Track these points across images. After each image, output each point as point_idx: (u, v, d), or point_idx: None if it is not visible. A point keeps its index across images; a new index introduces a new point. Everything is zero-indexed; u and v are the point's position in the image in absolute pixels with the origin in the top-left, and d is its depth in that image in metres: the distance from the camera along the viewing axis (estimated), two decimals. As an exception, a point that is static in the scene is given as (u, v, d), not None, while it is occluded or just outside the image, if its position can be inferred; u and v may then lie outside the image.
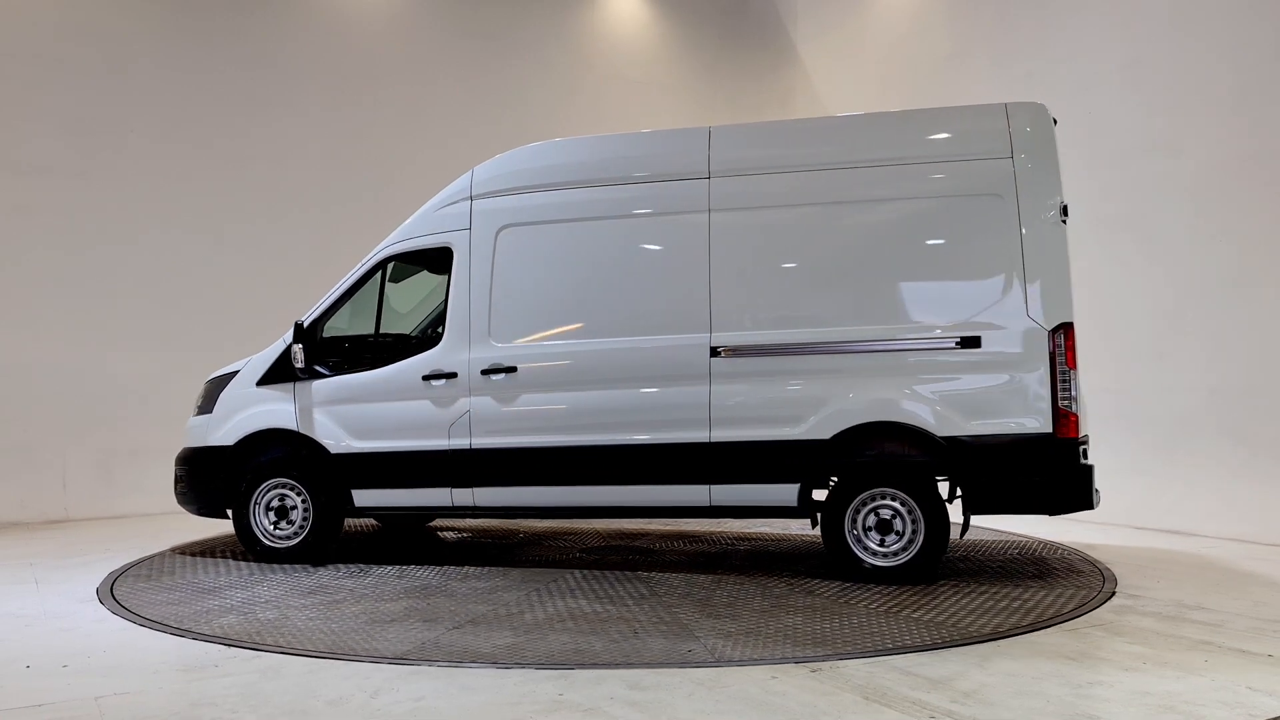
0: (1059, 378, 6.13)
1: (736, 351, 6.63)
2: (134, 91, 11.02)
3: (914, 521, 6.39)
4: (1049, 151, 6.43)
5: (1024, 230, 6.29)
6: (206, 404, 7.96)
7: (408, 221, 7.70)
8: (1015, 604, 5.76)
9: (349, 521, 9.33)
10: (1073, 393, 6.12)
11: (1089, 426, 6.61)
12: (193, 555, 7.88)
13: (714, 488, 6.69)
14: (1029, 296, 6.22)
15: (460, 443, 7.17)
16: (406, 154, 12.34)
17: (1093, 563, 7.02)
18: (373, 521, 9.40)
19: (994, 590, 6.14)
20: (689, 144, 6.98)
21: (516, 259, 7.23)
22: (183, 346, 11.12)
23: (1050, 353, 6.14)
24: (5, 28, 10.53)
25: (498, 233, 7.28)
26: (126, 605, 6.06)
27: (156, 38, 11.19)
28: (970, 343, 6.27)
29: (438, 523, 9.46)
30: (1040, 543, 7.78)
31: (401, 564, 7.35)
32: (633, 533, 8.70)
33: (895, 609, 5.68)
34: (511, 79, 12.84)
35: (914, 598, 5.96)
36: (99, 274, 10.82)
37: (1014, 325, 6.21)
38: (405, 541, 8.57)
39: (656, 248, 6.97)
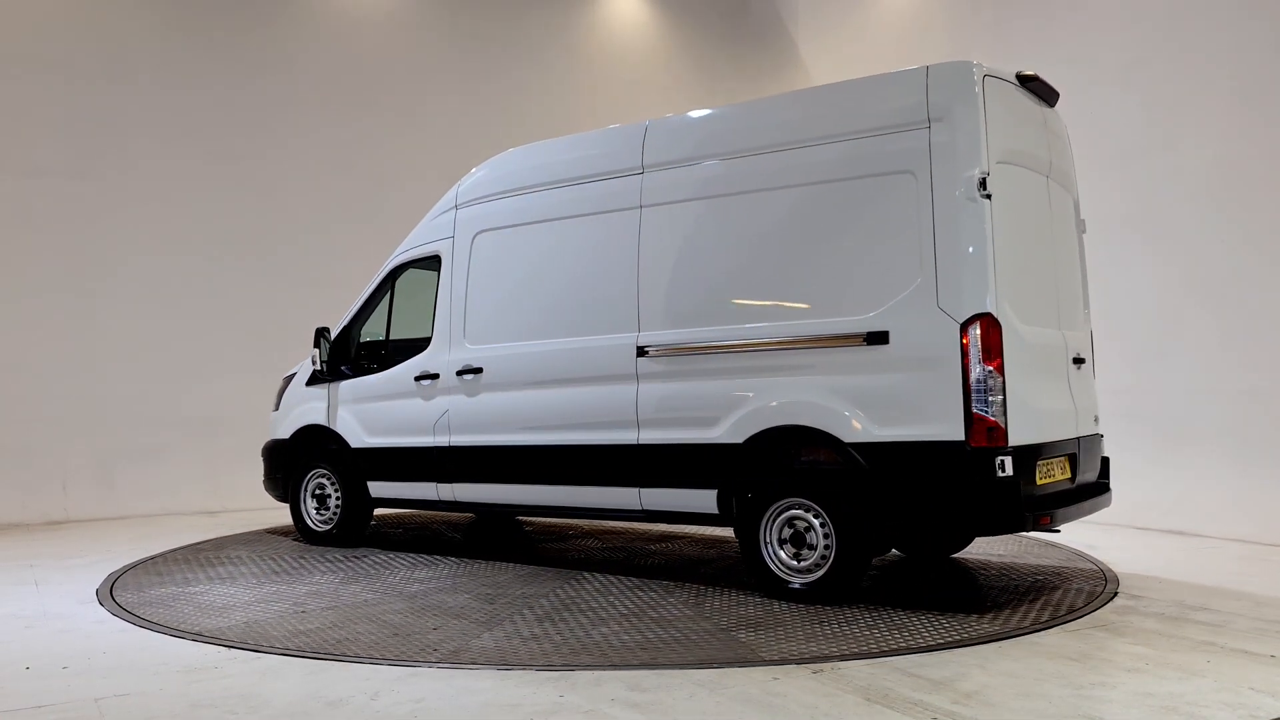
0: (972, 377, 5.33)
1: (660, 351, 6.43)
2: (135, 96, 11.02)
3: (826, 536, 5.81)
4: (971, 117, 5.50)
5: (936, 210, 5.50)
6: (277, 400, 8.90)
7: (413, 231, 8.19)
8: (1016, 605, 5.75)
9: (413, 515, 9.52)
10: (991, 395, 5.31)
11: (1040, 433, 5.69)
12: (193, 557, 7.88)
13: (643, 491, 6.55)
14: (940, 285, 5.45)
15: (442, 440, 7.60)
16: (406, 158, 12.33)
17: (1094, 563, 7.01)
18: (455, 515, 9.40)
19: (995, 591, 6.12)
20: (628, 140, 6.89)
21: (487, 263, 7.53)
22: (183, 349, 11.13)
23: (962, 348, 5.36)
24: (7, 32, 10.53)
25: (473, 239, 7.65)
26: (127, 607, 6.05)
27: (158, 43, 11.19)
28: (878, 339, 5.61)
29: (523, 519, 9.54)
30: (1041, 543, 7.77)
31: (409, 564, 7.34)
32: (660, 535, 8.69)
33: (895, 610, 5.66)
34: (511, 82, 12.84)
35: (914, 598, 5.94)
36: (99, 276, 10.82)
37: (924, 319, 5.47)
38: (490, 534, 8.88)
39: (597, 247, 6.92)
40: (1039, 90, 6.22)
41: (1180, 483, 8.52)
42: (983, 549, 7.50)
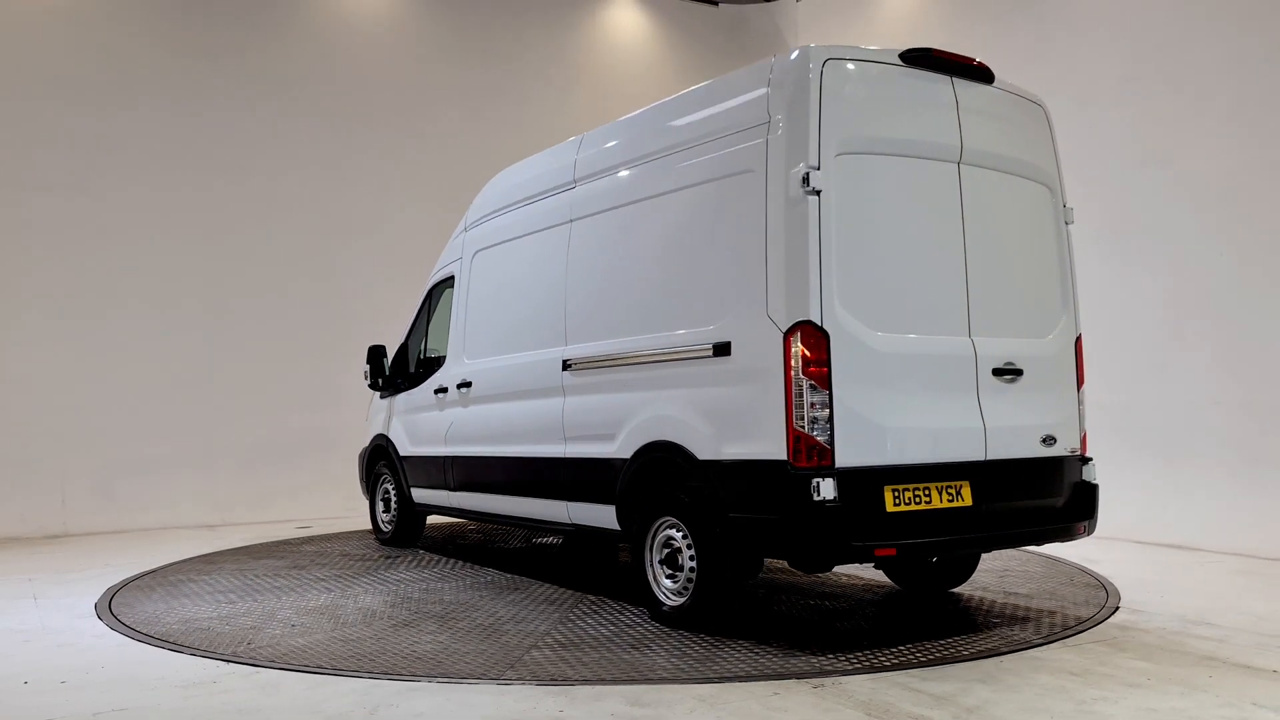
0: (794, 391, 4.87)
1: (579, 365, 6.39)
2: (135, 113, 11.06)
3: (692, 558, 5.50)
4: (800, 108, 5.04)
5: (769, 211, 5.09)
6: (368, 410, 9.52)
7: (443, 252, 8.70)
8: (1018, 619, 5.73)
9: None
10: (813, 411, 4.82)
11: (899, 453, 5.06)
12: (192, 570, 7.86)
13: (569, 505, 6.53)
14: (769, 292, 5.05)
15: (447, 450, 7.96)
16: (408, 174, 12.38)
17: (1095, 577, 6.99)
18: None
19: (996, 605, 6.11)
20: (567, 154, 6.93)
21: (479, 281, 7.83)
22: (182, 364, 11.13)
23: (784, 359, 4.94)
24: (9, 51, 10.57)
25: (473, 258, 7.94)
26: (125, 621, 6.04)
27: (159, 61, 11.25)
28: (722, 351, 5.28)
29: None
30: (1042, 558, 7.75)
31: (422, 576, 7.33)
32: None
33: (896, 625, 5.64)
34: (513, 97, 12.87)
35: (916, 613, 5.93)
36: (99, 291, 10.83)
37: (757, 328, 5.08)
38: (583, 557, 8.32)
39: (540, 262, 7.03)
40: (951, 68, 5.53)
41: (1181, 497, 8.51)
42: (984, 565, 7.48)
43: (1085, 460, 5.81)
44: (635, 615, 5.94)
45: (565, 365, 6.49)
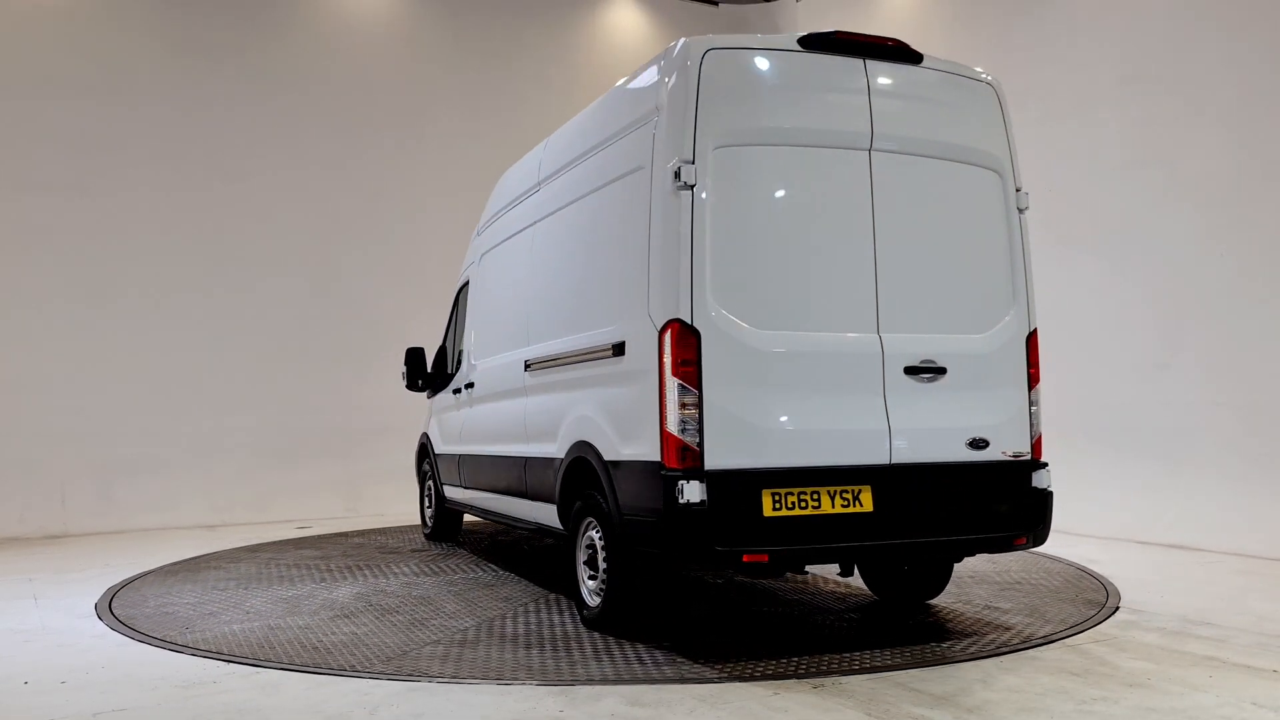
0: (665, 390, 4.71)
1: (534, 365, 6.44)
2: (136, 113, 11.07)
3: (606, 560, 5.38)
4: (680, 101, 4.86)
5: (652, 207, 4.96)
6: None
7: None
8: (1018, 619, 5.73)
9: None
10: (683, 412, 4.66)
11: (782, 455, 4.80)
12: (191, 570, 7.86)
13: (531, 504, 6.55)
14: (650, 290, 4.93)
15: (461, 449, 8.23)
16: (407, 174, 12.38)
17: (1095, 578, 6.99)
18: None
19: (996, 605, 6.11)
20: (536, 155, 7.01)
21: (483, 282, 8.01)
22: (182, 364, 11.13)
23: (658, 359, 4.79)
24: (9, 50, 10.57)
25: (481, 260, 8.13)
26: (125, 621, 6.04)
27: (159, 61, 11.25)
28: (619, 351, 5.18)
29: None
30: (1042, 558, 7.75)
31: (432, 577, 7.33)
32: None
33: (896, 625, 5.64)
34: (512, 98, 12.88)
35: (913, 613, 5.92)
36: (99, 291, 10.83)
37: (641, 327, 4.97)
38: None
39: (514, 265, 7.17)
40: (865, 50, 5.22)
41: (1181, 497, 8.51)
42: (984, 564, 7.48)
43: (1037, 465, 5.34)
44: (569, 617, 5.90)
45: (526, 366, 6.57)
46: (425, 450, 9.40)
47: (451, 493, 8.64)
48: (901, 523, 4.93)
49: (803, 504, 4.76)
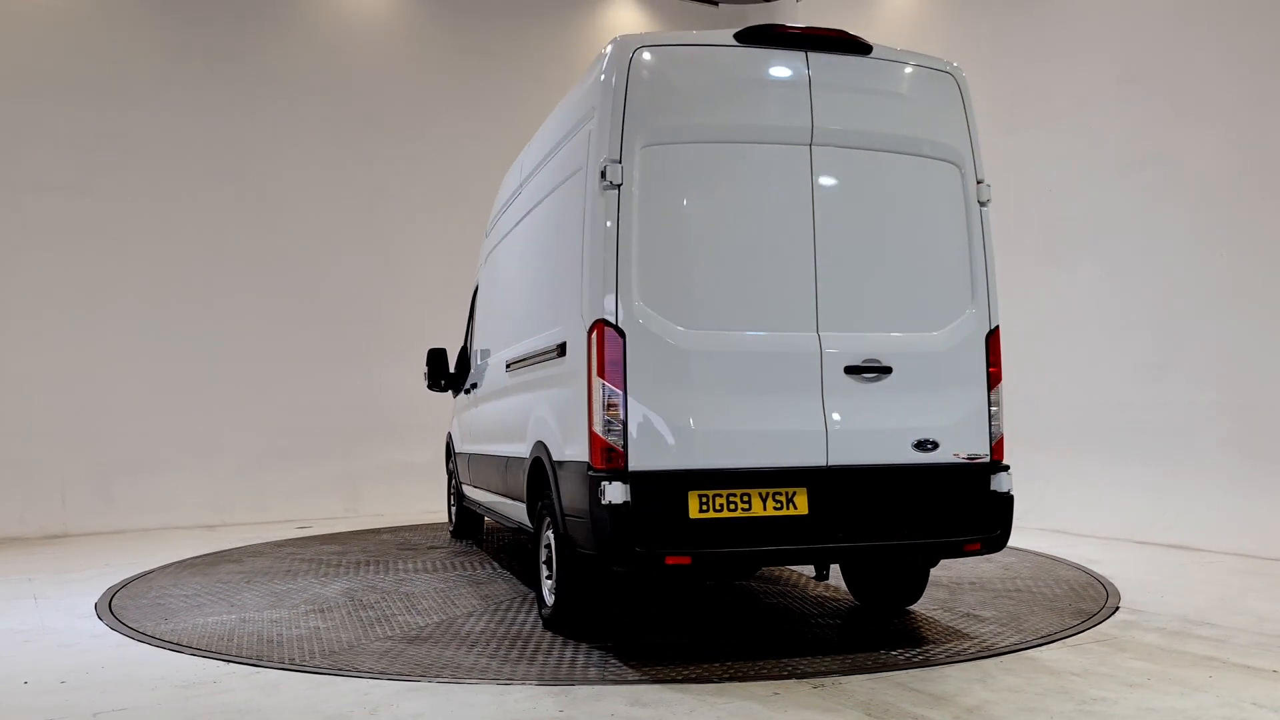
0: (593, 392, 4.68)
1: (512, 366, 6.50)
2: (136, 115, 11.08)
3: (556, 561, 5.38)
4: (608, 101, 4.80)
5: (586, 207, 4.94)
6: None
7: None
8: (1017, 619, 5.73)
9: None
10: (607, 413, 4.62)
11: (706, 457, 4.71)
12: (191, 571, 7.86)
13: (512, 503, 6.58)
14: (582, 290, 4.91)
15: (470, 448, 8.33)
16: (407, 174, 12.39)
17: (1095, 578, 6.98)
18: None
19: (996, 605, 6.11)
20: (521, 157, 7.06)
21: (486, 284, 8.12)
22: (182, 362, 11.13)
23: (586, 359, 4.77)
24: (9, 51, 10.57)
25: (486, 260, 8.29)
26: (125, 621, 6.04)
27: (159, 62, 11.27)
28: (562, 351, 5.19)
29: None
30: (1042, 557, 7.75)
31: (428, 577, 7.33)
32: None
33: (895, 625, 5.64)
34: (511, 98, 12.87)
35: (915, 613, 5.93)
36: (99, 292, 10.84)
37: (577, 328, 4.94)
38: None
39: (502, 266, 7.31)
40: (807, 43, 5.04)
41: (1181, 497, 8.51)
42: (984, 564, 7.48)
43: (997, 468, 5.12)
44: (536, 617, 5.90)
45: (507, 367, 6.66)
46: (449, 450, 9.67)
47: (467, 491, 8.76)
48: (840, 526, 4.81)
49: (731, 506, 4.68)
